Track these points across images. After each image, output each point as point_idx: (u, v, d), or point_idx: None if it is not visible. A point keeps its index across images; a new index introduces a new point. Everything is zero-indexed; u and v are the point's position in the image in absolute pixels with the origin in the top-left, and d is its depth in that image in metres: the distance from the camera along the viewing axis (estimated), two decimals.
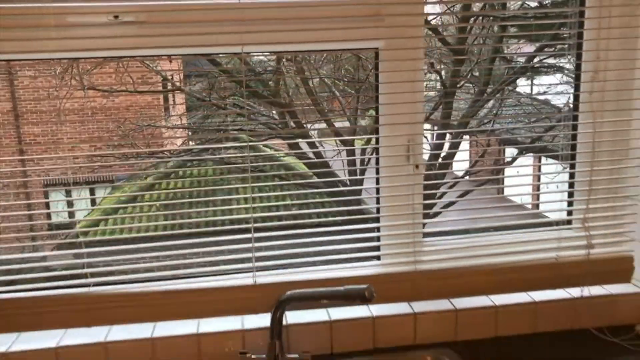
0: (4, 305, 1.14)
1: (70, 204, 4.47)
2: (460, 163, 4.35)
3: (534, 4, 2.69)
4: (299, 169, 4.46)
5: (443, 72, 4.39)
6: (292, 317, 1.21)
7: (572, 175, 1.38)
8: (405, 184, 1.26)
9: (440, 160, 3.52)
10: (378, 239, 1.29)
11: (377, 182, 1.28)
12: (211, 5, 1.17)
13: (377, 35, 1.21)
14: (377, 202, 1.28)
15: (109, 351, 1.16)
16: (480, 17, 3.80)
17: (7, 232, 1.20)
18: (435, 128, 4.31)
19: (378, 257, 1.30)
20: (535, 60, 4.09)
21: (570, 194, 1.39)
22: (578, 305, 1.29)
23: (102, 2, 1.13)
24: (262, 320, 1.19)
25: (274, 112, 4.47)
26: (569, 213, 1.39)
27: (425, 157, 1.41)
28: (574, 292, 1.29)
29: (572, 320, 1.29)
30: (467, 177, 4.13)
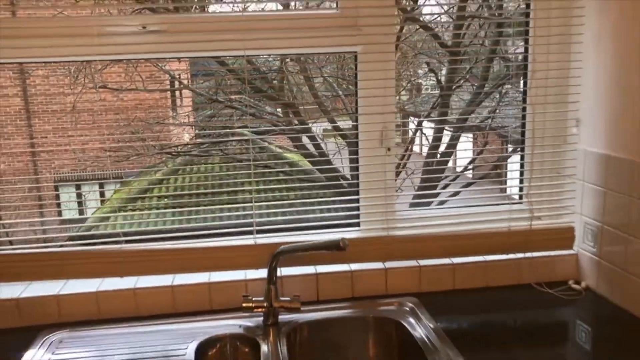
0: (54, 256, 1.45)
1: (80, 198, 4.77)
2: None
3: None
4: (299, 162, 4.74)
5: (443, 72, 4.66)
6: (285, 271, 1.52)
7: (522, 158, 1.68)
8: (379, 163, 1.56)
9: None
10: (358, 209, 1.59)
11: (357, 162, 1.59)
12: (220, 18, 1.48)
13: (355, 42, 1.51)
14: (357, 178, 1.58)
15: (138, 296, 1.48)
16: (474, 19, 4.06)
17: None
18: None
19: (358, 224, 1.60)
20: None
21: (522, 174, 1.68)
22: (522, 265, 1.59)
23: (134, 16, 1.44)
24: (261, 273, 1.49)
25: (279, 109, 4.76)
26: (521, 190, 1.68)
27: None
28: (520, 253, 1.59)
29: (517, 277, 1.59)
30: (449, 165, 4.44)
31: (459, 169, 4.20)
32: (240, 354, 1.40)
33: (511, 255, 1.59)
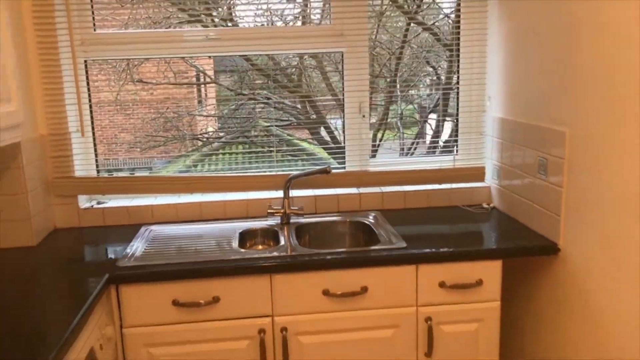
0: (149, 179, 2.46)
1: None
2: None
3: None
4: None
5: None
6: (295, 193, 2.50)
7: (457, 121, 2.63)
8: (357, 124, 2.53)
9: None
10: (344, 154, 2.57)
11: (344, 124, 2.57)
12: (256, 30, 2.48)
13: (342, 45, 2.49)
14: (344, 133, 2.57)
15: (202, 207, 2.48)
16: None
17: None
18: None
19: (344, 163, 2.58)
20: None
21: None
22: (452, 193, 2.55)
23: (200, 29, 2.45)
24: (279, 194, 2.47)
25: (298, 105, 5.73)
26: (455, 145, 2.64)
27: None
28: (448, 185, 2.55)
29: (449, 201, 2.55)
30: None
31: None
32: (266, 239, 2.38)
33: (444, 186, 2.55)
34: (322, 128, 3.14)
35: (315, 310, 1.99)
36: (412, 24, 2.76)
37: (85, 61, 2.48)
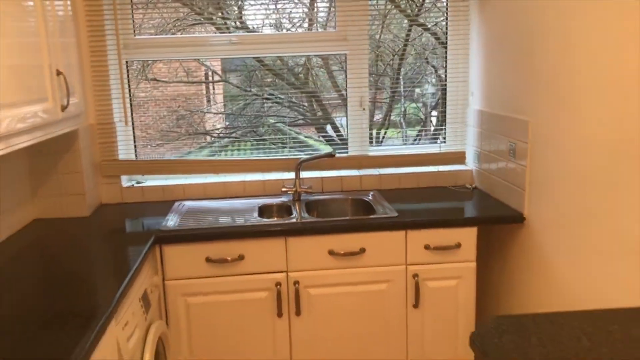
0: (180, 162, 2.93)
1: None
2: None
3: None
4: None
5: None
6: (304, 174, 2.96)
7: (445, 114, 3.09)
8: (359, 116, 2.99)
9: None
10: (347, 141, 3.03)
11: (347, 115, 3.02)
12: (272, 35, 2.94)
13: (345, 48, 2.95)
14: (347, 124, 3.02)
15: (226, 186, 2.94)
16: None
17: None
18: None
19: (347, 148, 3.04)
20: None
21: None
22: (439, 175, 3.00)
23: (224, 34, 2.92)
24: (291, 175, 2.93)
25: (305, 103, 6.19)
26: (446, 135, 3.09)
27: None
28: (436, 168, 3.00)
29: (436, 182, 3.00)
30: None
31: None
32: (281, 213, 2.84)
33: (434, 169, 3.01)
34: (327, 126, 3.60)
35: (322, 267, 2.44)
36: (413, 26, 3.20)
37: (127, 62, 2.94)
